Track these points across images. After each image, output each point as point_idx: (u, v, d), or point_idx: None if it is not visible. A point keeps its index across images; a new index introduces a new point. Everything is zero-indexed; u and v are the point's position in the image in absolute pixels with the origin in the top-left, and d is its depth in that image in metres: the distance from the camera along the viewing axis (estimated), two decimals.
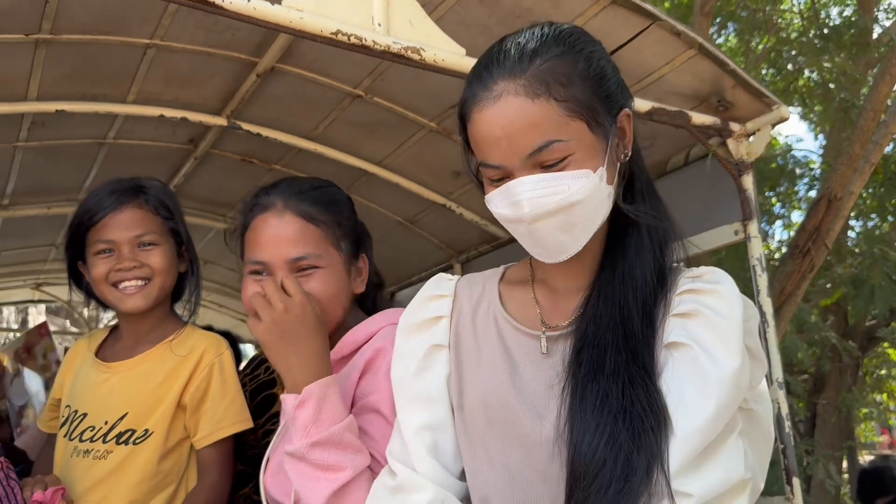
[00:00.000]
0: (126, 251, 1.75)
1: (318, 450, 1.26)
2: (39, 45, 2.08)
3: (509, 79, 1.07)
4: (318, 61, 2.37)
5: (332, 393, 1.31)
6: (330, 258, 1.48)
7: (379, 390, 1.34)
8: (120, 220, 1.76)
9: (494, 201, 1.11)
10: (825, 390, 7.24)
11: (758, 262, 2.23)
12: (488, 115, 1.07)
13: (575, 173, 1.06)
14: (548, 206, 1.06)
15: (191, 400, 1.74)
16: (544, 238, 1.09)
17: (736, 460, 1.02)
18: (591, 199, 1.07)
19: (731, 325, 1.06)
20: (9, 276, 4.40)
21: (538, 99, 1.05)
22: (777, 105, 2.22)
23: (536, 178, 1.06)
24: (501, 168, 1.08)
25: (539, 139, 1.05)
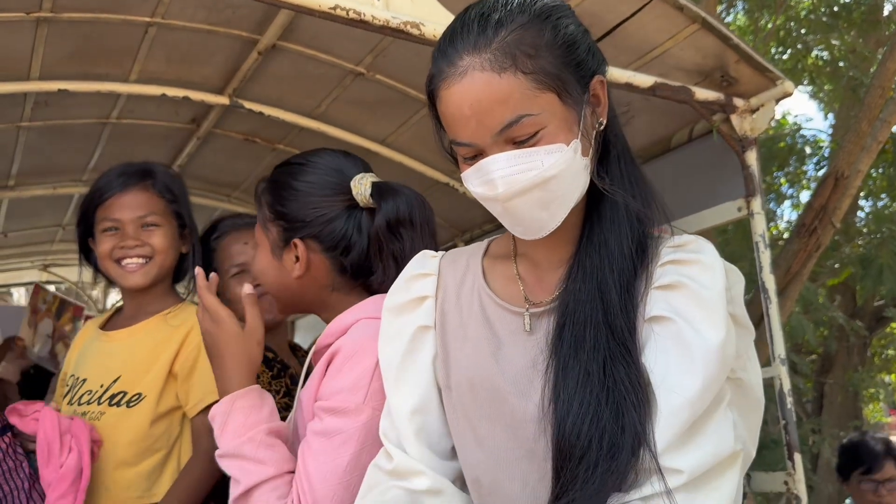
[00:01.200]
0: (130, 230, 1.85)
1: (223, 461, 1.36)
2: (41, 23, 2.08)
3: (474, 53, 1.02)
4: (319, 38, 2.36)
5: (237, 408, 1.38)
6: (260, 239, 1.51)
7: (340, 391, 1.32)
8: (126, 200, 1.86)
9: (469, 179, 1.08)
10: (832, 370, 7.23)
11: (761, 238, 2.22)
12: (455, 92, 1.03)
13: (547, 148, 1.03)
14: (521, 183, 1.03)
15: (181, 368, 1.81)
16: (521, 215, 1.07)
17: (725, 433, 1.00)
18: (566, 174, 1.04)
19: (714, 295, 1.03)
20: (17, 258, 4.44)
21: (505, 73, 1.01)
22: (781, 80, 2.20)
23: (508, 155, 1.03)
24: (473, 146, 1.05)
25: (508, 115, 1.01)
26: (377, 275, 1.48)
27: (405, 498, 1.16)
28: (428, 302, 1.25)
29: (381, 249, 1.47)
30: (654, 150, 2.52)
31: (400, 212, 1.47)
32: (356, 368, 1.32)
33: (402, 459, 1.18)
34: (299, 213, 1.47)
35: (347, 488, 1.27)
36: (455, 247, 3.49)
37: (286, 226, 1.47)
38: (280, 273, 1.49)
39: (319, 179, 1.49)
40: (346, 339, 1.35)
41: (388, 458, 1.20)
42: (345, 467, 1.28)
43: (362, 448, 1.29)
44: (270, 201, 1.50)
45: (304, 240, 1.46)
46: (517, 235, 1.13)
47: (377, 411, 1.28)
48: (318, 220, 1.46)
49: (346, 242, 1.47)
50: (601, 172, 1.12)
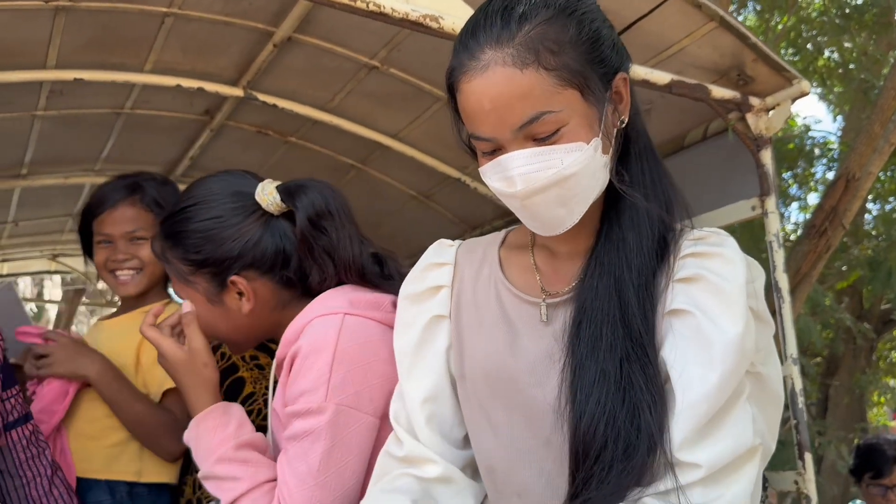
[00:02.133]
0: (121, 245, 1.98)
1: (206, 483, 1.39)
2: (59, 12, 2.09)
3: (497, 47, 1.01)
4: (335, 31, 2.36)
5: (202, 431, 1.40)
6: (189, 295, 1.46)
7: (302, 393, 1.30)
8: (115, 216, 1.98)
9: (488, 174, 1.08)
10: (838, 373, 7.22)
11: (774, 237, 2.22)
12: (477, 86, 1.02)
13: (568, 146, 1.02)
14: (541, 181, 1.02)
15: (146, 358, 1.93)
16: (539, 212, 1.06)
17: (744, 427, 1.00)
18: (586, 172, 1.04)
19: (734, 288, 1.03)
20: (26, 247, 4.44)
21: (527, 69, 1.00)
22: (797, 79, 2.20)
23: (528, 152, 1.02)
24: (492, 140, 1.05)
25: (530, 111, 1.00)
26: (313, 275, 1.43)
27: (415, 485, 1.16)
28: (443, 291, 1.25)
29: (312, 248, 1.42)
30: (668, 147, 2.52)
31: (317, 205, 1.42)
32: (314, 367, 1.30)
33: (412, 446, 1.18)
34: (220, 253, 1.40)
35: (324, 488, 1.26)
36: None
37: (214, 270, 1.41)
38: (226, 319, 1.45)
39: (222, 210, 1.42)
40: (302, 341, 1.33)
41: (399, 444, 1.20)
42: (318, 467, 1.27)
43: (332, 445, 1.28)
44: (182, 255, 1.43)
45: (240, 273, 1.41)
46: (534, 231, 1.12)
47: (341, 405, 1.28)
48: (244, 250, 1.41)
49: (281, 256, 1.43)
50: (621, 170, 1.11)
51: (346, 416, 1.29)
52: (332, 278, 1.43)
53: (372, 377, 1.31)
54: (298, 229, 1.41)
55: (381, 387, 1.32)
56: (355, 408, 1.30)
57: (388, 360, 1.31)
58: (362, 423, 1.30)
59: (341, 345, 1.30)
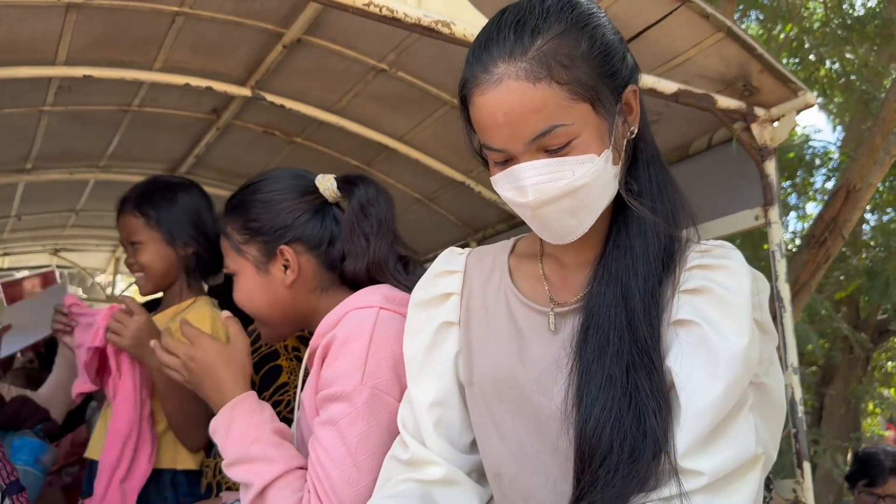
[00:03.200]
0: (128, 251, 2.14)
1: (232, 470, 1.40)
2: (70, 9, 2.09)
3: (510, 61, 1.03)
4: (345, 34, 2.37)
5: (238, 414, 1.44)
6: (238, 265, 1.56)
7: (338, 377, 1.34)
8: (119, 227, 2.15)
9: (500, 184, 1.09)
10: (834, 382, 7.24)
11: (777, 247, 2.24)
12: (489, 99, 1.04)
13: (579, 158, 1.04)
14: (552, 191, 1.04)
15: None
16: (550, 222, 1.08)
17: (747, 436, 1.02)
18: (596, 183, 1.06)
19: (739, 300, 1.05)
20: (29, 241, 4.45)
21: (540, 83, 1.01)
22: (803, 91, 2.22)
23: (540, 163, 1.04)
24: (505, 152, 1.06)
25: (542, 124, 1.02)
26: (348, 263, 1.52)
27: (417, 490, 1.18)
28: (453, 299, 1.27)
29: (354, 231, 1.53)
30: (672, 156, 2.54)
31: (369, 194, 1.55)
32: (350, 352, 1.34)
33: (417, 450, 1.20)
34: (276, 221, 1.53)
35: (360, 469, 1.29)
36: (467, 247, 3.49)
37: (266, 238, 1.53)
38: (269, 290, 1.54)
39: (284, 185, 1.57)
40: (338, 330, 1.38)
41: (404, 448, 1.22)
42: (355, 448, 1.30)
43: (369, 427, 1.31)
44: (241, 223, 1.56)
45: (290, 244, 1.52)
46: (545, 239, 1.14)
47: (377, 389, 1.31)
48: (297, 223, 1.53)
49: (329, 236, 1.55)
50: (629, 179, 1.13)
51: (380, 400, 1.32)
52: (363, 270, 1.51)
53: (401, 369, 1.34)
54: (348, 211, 1.54)
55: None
56: (389, 394, 1.32)
57: None
58: (395, 408, 1.32)
59: (377, 334, 1.35)
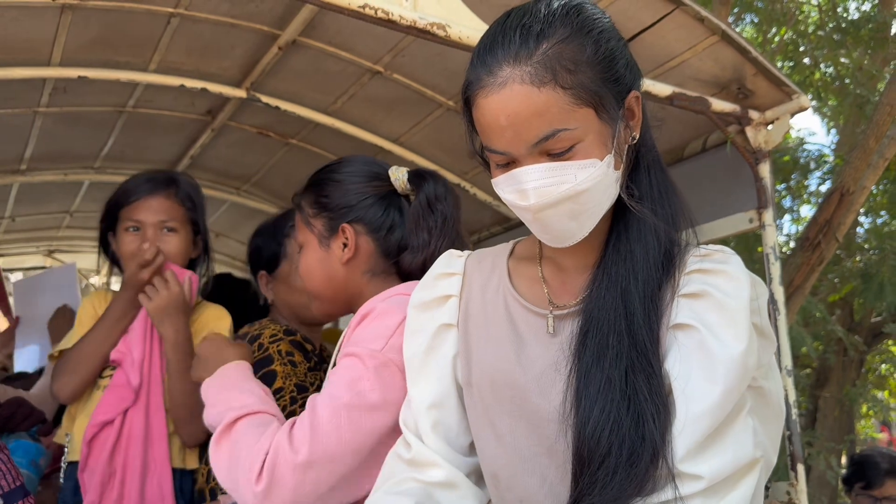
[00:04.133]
0: (150, 233, 1.99)
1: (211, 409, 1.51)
2: (65, 10, 2.09)
3: (514, 65, 1.03)
4: (340, 36, 2.37)
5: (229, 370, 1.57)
6: (305, 237, 1.63)
7: (363, 340, 1.40)
8: (150, 204, 2.01)
9: (501, 186, 1.10)
10: (828, 384, 7.26)
11: (771, 250, 2.24)
12: (493, 102, 1.04)
13: (581, 163, 1.04)
14: (554, 195, 1.05)
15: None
16: (551, 225, 1.09)
17: (745, 440, 1.02)
18: (598, 187, 1.06)
19: (738, 305, 1.05)
20: (22, 242, 4.43)
21: (544, 87, 1.02)
22: (797, 94, 2.22)
23: (542, 167, 1.05)
24: (507, 154, 1.07)
25: (545, 128, 1.03)
26: (406, 256, 1.57)
27: (419, 490, 1.18)
28: (452, 301, 1.27)
29: (418, 224, 1.58)
30: (667, 159, 2.54)
31: (437, 191, 1.59)
32: (381, 323, 1.40)
33: (419, 450, 1.21)
34: (343, 200, 1.60)
35: (350, 419, 1.33)
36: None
37: (332, 215, 1.60)
38: (327, 264, 1.60)
39: (357, 169, 1.64)
40: (377, 304, 1.44)
41: (407, 447, 1.23)
42: (350, 399, 1.34)
43: (371, 389, 1.34)
44: (313, 198, 1.63)
45: (351, 224, 1.58)
46: (545, 242, 1.15)
47: (391, 362, 1.35)
48: (361, 204, 1.59)
49: (389, 223, 1.60)
50: (630, 183, 1.14)
51: (392, 373, 1.35)
52: (419, 264, 1.54)
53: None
54: (415, 204, 1.59)
55: None
56: (403, 371, 1.33)
57: None
58: (401, 386, 1.34)
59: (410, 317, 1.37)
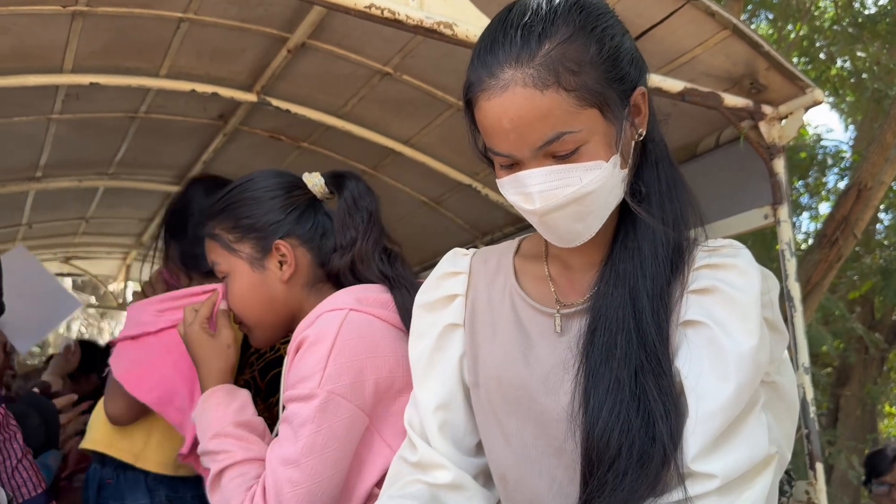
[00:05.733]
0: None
1: (203, 458, 1.47)
2: (76, 16, 2.11)
3: (516, 67, 1.00)
4: (349, 38, 2.37)
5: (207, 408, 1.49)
6: (231, 265, 1.57)
7: (300, 379, 1.37)
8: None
9: (506, 188, 1.08)
10: (849, 383, 7.18)
11: (787, 246, 2.22)
12: (496, 105, 1.02)
13: (587, 165, 1.02)
14: (559, 198, 1.03)
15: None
16: (557, 227, 1.07)
17: (759, 436, 1.00)
18: (604, 189, 1.04)
19: (748, 300, 1.03)
20: (39, 249, 4.47)
21: (547, 90, 0.99)
22: (811, 88, 2.20)
23: (547, 170, 1.02)
24: (511, 157, 1.05)
25: (549, 131, 1.00)
26: (335, 255, 1.54)
27: (426, 492, 1.17)
28: (458, 300, 1.26)
29: (345, 224, 1.56)
30: (680, 155, 2.52)
31: (360, 188, 1.59)
32: (315, 355, 1.36)
33: (425, 452, 1.19)
34: (269, 217, 1.55)
35: (303, 470, 1.31)
36: (476, 248, 3.49)
37: (260, 235, 1.55)
38: (264, 287, 1.55)
39: (272, 183, 1.58)
40: (311, 330, 1.40)
41: (413, 449, 1.22)
42: (301, 450, 1.31)
43: (318, 430, 1.32)
44: (232, 223, 1.57)
45: (285, 238, 1.54)
46: (551, 243, 1.13)
47: (333, 394, 1.33)
48: (289, 217, 1.56)
49: (322, 230, 1.58)
50: (637, 181, 1.11)
51: (336, 404, 1.33)
52: (348, 263, 1.53)
53: (367, 372, 1.36)
54: (341, 205, 1.57)
55: (374, 383, 1.37)
56: (346, 398, 1.34)
57: (385, 358, 1.38)
58: (351, 414, 1.34)
59: (341, 337, 1.36)
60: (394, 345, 1.41)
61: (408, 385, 1.36)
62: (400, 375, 1.39)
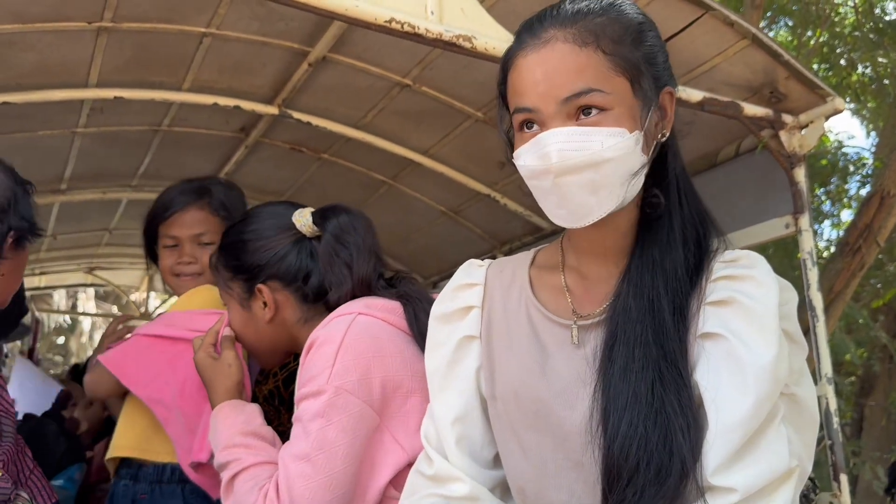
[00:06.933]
0: (187, 248, 2.00)
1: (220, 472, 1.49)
2: (101, 32, 2.15)
3: (560, 27, 1.05)
4: (369, 51, 2.40)
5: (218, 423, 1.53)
6: (226, 299, 1.64)
7: (310, 377, 1.39)
8: (184, 218, 2.00)
9: (523, 154, 1.07)
10: (874, 392, 7.09)
11: (808, 255, 2.20)
12: (532, 58, 1.06)
13: (609, 130, 1.02)
14: (577, 159, 1.02)
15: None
16: (569, 196, 1.05)
17: (780, 449, 0.99)
18: (622, 161, 1.04)
19: (767, 311, 1.02)
20: (64, 260, 4.54)
21: (586, 47, 1.03)
22: (831, 97, 2.19)
23: (569, 129, 1.03)
24: (535, 112, 1.05)
25: (580, 84, 1.02)
26: (332, 293, 1.55)
27: None
28: (474, 312, 1.25)
29: (333, 262, 1.56)
30: (700, 165, 2.52)
31: (342, 223, 1.58)
32: (323, 355, 1.39)
33: (441, 465, 1.19)
34: (253, 260, 1.59)
35: (314, 465, 1.32)
36: (494, 259, 3.49)
37: (246, 277, 1.60)
38: (252, 325, 1.62)
39: (262, 225, 1.62)
40: (321, 332, 1.43)
41: (429, 462, 1.21)
42: (311, 445, 1.33)
43: (327, 424, 1.34)
44: (225, 261, 1.63)
45: (266, 283, 1.58)
46: (559, 223, 1.10)
47: (341, 389, 1.35)
48: (271, 262, 1.58)
49: (304, 272, 1.59)
50: (656, 191, 1.12)
51: (344, 399, 1.35)
52: (348, 296, 1.54)
53: (374, 370, 1.37)
54: (323, 244, 1.57)
55: (381, 382, 1.38)
56: (354, 394, 1.35)
57: (392, 359, 1.40)
58: (359, 409, 1.35)
59: (349, 336, 1.38)
60: (400, 346, 1.43)
61: (417, 387, 1.39)
62: (408, 376, 1.41)
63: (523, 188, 1.13)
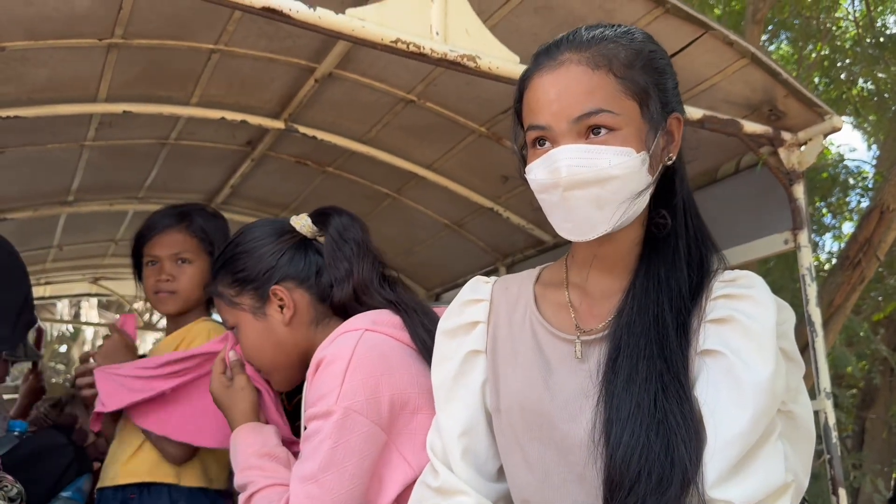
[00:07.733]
0: (166, 266, 2.11)
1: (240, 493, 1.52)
2: (111, 49, 2.18)
3: (575, 51, 1.11)
4: (374, 67, 2.43)
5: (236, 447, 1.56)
6: (236, 318, 1.63)
7: (318, 397, 1.40)
8: (164, 239, 2.13)
9: (534, 169, 1.13)
10: (875, 405, 7.08)
11: (807, 271, 2.23)
12: (547, 78, 1.12)
13: (617, 149, 1.08)
14: (585, 174, 1.08)
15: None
16: (575, 210, 1.10)
17: (776, 465, 1.02)
18: (628, 179, 1.08)
19: (764, 330, 1.06)
20: (69, 270, 4.56)
21: (599, 70, 1.09)
22: (829, 115, 2.22)
23: (579, 147, 1.08)
24: (547, 129, 1.11)
25: (591, 105, 1.08)
26: (335, 291, 1.58)
27: None
28: (480, 327, 1.29)
29: (336, 258, 1.60)
30: (700, 181, 2.55)
31: (343, 221, 1.63)
32: (331, 374, 1.39)
33: (447, 478, 1.21)
34: (261, 265, 1.61)
35: (322, 486, 1.33)
36: (496, 272, 3.53)
37: (257, 284, 1.61)
38: (269, 333, 1.61)
39: (260, 233, 1.65)
40: (328, 350, 1.43)
41: (435, 475, 1.24)
42: (319, 465, 1.34)
43: (336, 445, 1.34)
44: (230, 277, 1.63)
45: (280, 283, 1.59)
46: (565, 235, 1.14)
47: (350, 410, 1.35)
48: (280, 262, 1.61)
49: (315, 268, 1.62)
50: (663, 212, 1.16)
51: (352, 420, 1.35)
52: (350, 293, 1.57)
53: (382, 389, 1.38)
54: (327, 240, 1.61)
55: (389, 400, 1.39)
56: (363, 414, 1.36)
57: (400, 375, 1.40)
58: (368, 430, 1.36)
59: (357, 355, 1.39)
60: (407, 362, 1.44)
61: (424, 403, 1.40)
62: (415, 393, 1.42)
63: (533, 203, 1.18)
